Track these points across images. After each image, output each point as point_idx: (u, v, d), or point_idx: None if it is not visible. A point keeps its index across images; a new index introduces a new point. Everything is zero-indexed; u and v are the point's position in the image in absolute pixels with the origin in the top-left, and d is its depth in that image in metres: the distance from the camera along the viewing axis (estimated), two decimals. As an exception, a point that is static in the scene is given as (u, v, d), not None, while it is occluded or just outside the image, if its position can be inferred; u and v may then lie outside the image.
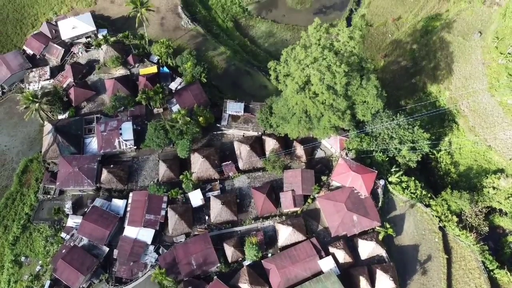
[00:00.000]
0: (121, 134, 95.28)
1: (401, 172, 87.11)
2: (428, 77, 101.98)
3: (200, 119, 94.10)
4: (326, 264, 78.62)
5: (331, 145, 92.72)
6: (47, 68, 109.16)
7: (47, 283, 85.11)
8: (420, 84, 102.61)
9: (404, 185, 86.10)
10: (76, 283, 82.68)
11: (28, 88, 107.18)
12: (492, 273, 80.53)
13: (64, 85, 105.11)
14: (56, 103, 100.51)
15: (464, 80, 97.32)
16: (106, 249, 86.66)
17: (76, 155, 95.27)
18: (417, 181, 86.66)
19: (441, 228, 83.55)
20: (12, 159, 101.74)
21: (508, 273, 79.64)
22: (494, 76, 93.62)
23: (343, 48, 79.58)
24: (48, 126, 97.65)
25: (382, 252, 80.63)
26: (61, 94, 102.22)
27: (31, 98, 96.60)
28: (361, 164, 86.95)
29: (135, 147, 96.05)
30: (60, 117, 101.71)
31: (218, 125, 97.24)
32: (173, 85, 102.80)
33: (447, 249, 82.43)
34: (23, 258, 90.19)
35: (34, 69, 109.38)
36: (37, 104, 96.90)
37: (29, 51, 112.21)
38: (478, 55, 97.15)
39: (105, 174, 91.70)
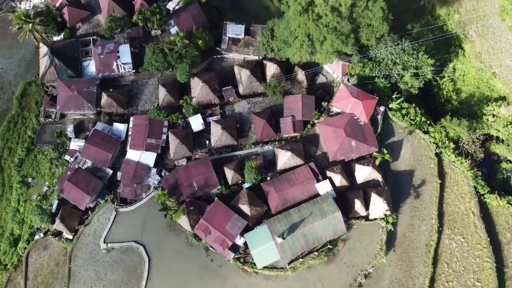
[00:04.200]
0: (119, 57, 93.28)
1: (402, 99, 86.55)
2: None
3: (199, 42, 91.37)
4: (323, 187, 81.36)
5: (333, 70, 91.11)
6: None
7: (55, 202, 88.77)
8: (429, 6, 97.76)
9: (404, 111, 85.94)
10: (82, 203, 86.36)
11: (20, 7, 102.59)
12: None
13: (57, 4, 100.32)
14: (50, 24, 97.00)
15: (475, 2, 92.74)
16: (110, 171, 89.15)
17: (75, 78, 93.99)
18: (417, 108, 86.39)
19: (437, 154, 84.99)
20: (10, 82, 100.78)
21: (498, 198, 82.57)
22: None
23: (350, -34, 74.86)
24: (43, 48, 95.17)
25: (378, 176, 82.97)
26: (55, 14, 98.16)
27: (23, 18, 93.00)
28: (362, 90, 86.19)
29: (134, 70, 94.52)
30: (55, 38, 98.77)
31: (218, 49, 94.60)
32: (171, 5, 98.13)
33: (441, 175, 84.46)
34: (30, 179, 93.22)
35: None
36: (30, 25, 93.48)
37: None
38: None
39: (105, 98, 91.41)
